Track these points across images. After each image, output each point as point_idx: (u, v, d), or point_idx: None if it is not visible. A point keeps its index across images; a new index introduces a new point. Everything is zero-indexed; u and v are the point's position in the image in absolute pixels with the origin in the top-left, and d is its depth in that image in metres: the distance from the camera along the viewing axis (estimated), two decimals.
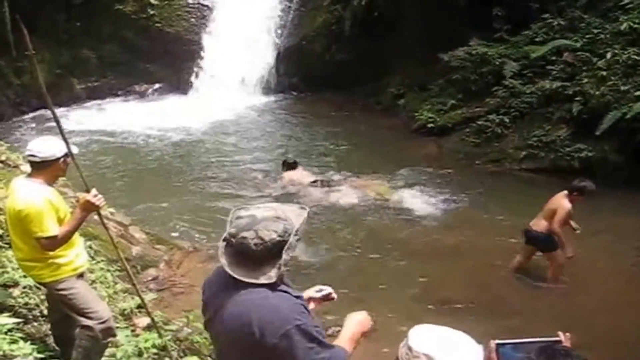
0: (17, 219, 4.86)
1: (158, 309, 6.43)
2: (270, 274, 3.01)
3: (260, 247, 2.98)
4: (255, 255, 2.99)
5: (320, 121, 17.41)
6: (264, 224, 3.03)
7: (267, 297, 3.00)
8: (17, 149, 10.01)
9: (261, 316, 2.94)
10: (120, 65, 19.98)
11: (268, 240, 2.99)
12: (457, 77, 15.87)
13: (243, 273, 3.02)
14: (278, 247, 3.01)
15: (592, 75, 13.49)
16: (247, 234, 3.00)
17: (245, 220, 3.06)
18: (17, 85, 17.74)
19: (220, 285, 3.16)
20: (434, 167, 14.08)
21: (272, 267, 3.02)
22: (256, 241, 2.98)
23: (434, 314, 8.07)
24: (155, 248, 8.81)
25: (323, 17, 19.26)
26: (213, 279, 3.30)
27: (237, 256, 3.05)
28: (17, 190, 4.91)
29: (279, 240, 3.01)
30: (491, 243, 10.32)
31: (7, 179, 8.08)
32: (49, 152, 4.90)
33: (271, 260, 3.02)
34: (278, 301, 3.02)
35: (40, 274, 5.07)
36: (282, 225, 3.05)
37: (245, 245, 2.99)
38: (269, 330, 2.92)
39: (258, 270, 3.01)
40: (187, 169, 13.86)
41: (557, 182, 12.64)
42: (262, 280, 3.00)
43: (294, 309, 3.03)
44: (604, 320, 8.04)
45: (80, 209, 5.06)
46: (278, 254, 3.02)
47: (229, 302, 3.05)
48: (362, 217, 11.33)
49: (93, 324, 5.12)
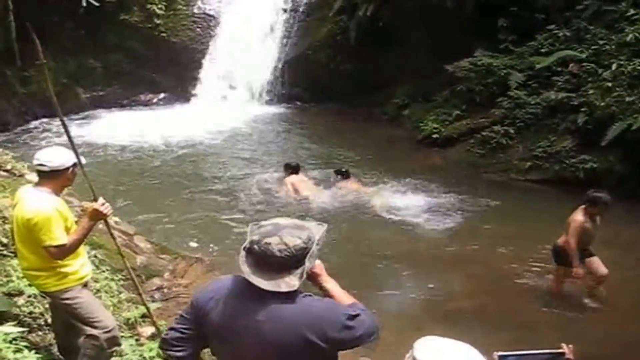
0: (26, 227, 4.86)
1: (162, 319, 6.40)
2: (292, 282, 2.96)
3: (284, 253, 2.94)
4: (278, 261, 2.94)
5: (324, 131, 17.41)
6: (287, 230, 3.01)
7: (309, 305, 2.99)
8: (22, 158, 10.00)
9: (316, 320, 2.92)
10: (125, 74, 20.04)
11: (292, 246, 2.95)
12: (462, 88, 15.87)
13: (265, 281, 2.96)
14: (301, 253, 2.98)
15: (597, 86, 13.49)
16: (271, 239, 2.96)
17: (269, 228, 3.03)
18: (22, 94, 17.78)
19: (236, 298, 3.07)
20: (439, 178, 14.06)
21: (293, 275, 2.97)
22: (280, 247, 2.94)
23: (440, 324, 8.03)
24: (159, 258, 8.79)
25: (328, 27, 19.32)
26: (222, 292, 3.15)
27: (258, 264, 2.99)
28: (26, 199, 4.91)
29: (303, 247, 2.98)
30: (497, 254, 10.28)
31: (12, 187, 8.08)
32: (58, 161, 4.91)
33: (293, 267, 2.97)
34: (319, 305, 3.01)
35: (45, 283, 5.06)
36: (305, 233, 3.04)
37: (269, 251, 2.94)
38: (329, 329, 2.91)
39: (279, 278, 2.96)
40: (192, 178, 13.85)
41: (562, 193, 12.67)
42: (283, 288, 2.94)
43: (336, 306, 3.05)
44: (609, 333, 8.00)
45: (87, 217, 5.07)
46: (300, 261, 2.98)
47: (257, 315, 2.97)
48: (365, 227, 11.32)
49: (98, 333, 5.12)
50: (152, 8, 19.99)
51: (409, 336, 2.85)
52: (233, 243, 10.47)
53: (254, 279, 2.98)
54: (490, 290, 9.21)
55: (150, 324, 6.45)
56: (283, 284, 2.95)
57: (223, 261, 9.61)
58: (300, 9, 20.24)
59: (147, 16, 20.06)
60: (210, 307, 3.13)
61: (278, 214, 11.55)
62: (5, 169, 8.99)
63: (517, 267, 9.68)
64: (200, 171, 14.24)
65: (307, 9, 20.20)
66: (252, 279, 2.98)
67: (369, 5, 17.42)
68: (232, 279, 3.19)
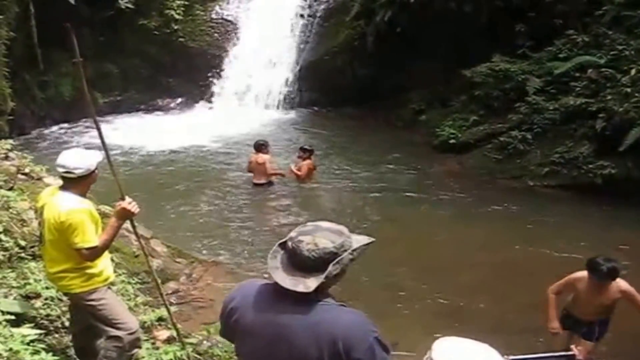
0: (58, 229, 4.90)
1: (178, 322, 6.41)
2: (310, 284, 2.92)
3: (311, 254, 2.92)
4: (304, 261, 2.93)
5: (341, 136, 17.43)
6: (324, 233, 2.99)
7: (338, 313, 2.96)
8: (40, 162, 10.06)
9: (345, 333, 2.86)
10: (143, 79, 20.15)
11: (321, 248, 2.93)
12: (480, 93, 15.82)
13: (287, 279, 2.95)
14: (329, 258, 2.94)
15: (616, 91, 13.39)
16: (305, 238, 2.96)
17: (309, 227, 3.03)
18: (41, 99, 17.90)
19: (259, 297, 3.08)
20: (456, 183, 14.04)
21: (314, 278, 2.93)
22: (310, 247, 2.93)
23: (457, 329, 8.00)
24: (176, 261, 8.81)
25: (345, 32, 19.31)
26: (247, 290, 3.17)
27: (288, 261, 3.00)
28: (58, 202, 4.95)
29: (332, 252, 2.94)
30: (516, 260, 10.23)
31: (31, 190, 8.15)
32: (84, 166, 4.96)
33: (317, 270, 2.93)
34: (352, 316, 2.96)
35: (71, 284, 5.09)
36: (341, 239, 3.00)
37: (299, 249, 2.94)
38: (355, 346, 2.84)
39: (301, 278, 2.94)
40: (209, 183, 13.87)
41: (580, 199, 12.61)
42: (300, 289, 2.91)
43: (366, 321, 2.98)
44: (623, 338, 7.93)
45: (116, 217, 5.12)
46: (325, 265, 2.94)
47: (276, 314, 2.98)
48: (380, 231, 11.32)
49: (122, 335, 5.15)
50: (170, 13, 20.08)
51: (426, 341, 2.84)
52: (250, 247, 10.51)
53: (277, 274, 2.98)
54: (509, 296, 9.16)
55: (166, 328, 6.47)
56: (302, 285, 2.92)
57: (240, 265, 9.65)
58: (317, 14, 20.27)
59: (165, 21, 20.15)
60: (232, 305, 3.18)
61: (297, 220, 11.61)
62: (24, 172, 9.03)
63: (533, 272, 9.62)
64: (218, 176, 14.26)
65: (325, 14, 20.22)
66: (275, 274, 2.98)
67: (387, 11, 17.40)
68: (261, 281, 3.20)
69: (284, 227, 11.38)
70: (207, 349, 6.33)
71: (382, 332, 2.96)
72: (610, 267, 6.51)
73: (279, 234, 11.03)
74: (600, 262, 6.56)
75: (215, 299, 8.03)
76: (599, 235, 11.02)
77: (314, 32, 20.14)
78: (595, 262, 6.60)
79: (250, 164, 13.57)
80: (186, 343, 6.02)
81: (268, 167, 13.33)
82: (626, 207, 11.94)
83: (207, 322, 6.99)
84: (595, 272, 6.56)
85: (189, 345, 6.10)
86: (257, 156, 13.38)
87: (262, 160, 13.32)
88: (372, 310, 7.65)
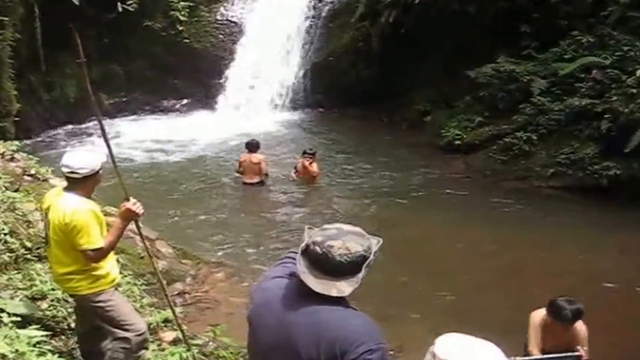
0: (63, 231, 4.91)
1: (184, 324, 6.42)
2: (343, 288, 2.93)
3: (344, 258, 2.91)
4: (337, 265, 2.92)
5: (346, 137, 17.42)
6: (351, 236, 2.99)
7: (346, 316, 2.95)
8: (46, 163, 10.08)
9: (345, 336, 2.85)
10: (148, 80, 20.14)
11: (354, 252, 2.93)
12: (484, 94, 15.79)
13: (317, 283, 2.94)
14: (361, 261, 2.95)
15: (621, 92, 13.38)
16: (335, 242, 2.94)
17: (333, 231, 3.01)
18: (46, 100, 17.92)
19: (284, 298, 3.07)
20: (461, 184, 14.04)
21: (347, 282, 2.93)
22: (342, 251, 2.92)
23: (462, 331, 7.97)
24: (181, 263, 8.83)
25: (350, 33, 19.30)
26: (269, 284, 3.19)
27: (314, 266, 2.97)
28: (63, 204, 4.95)
29: (363, 255, 2.95)
30: (521, 261, 10.23)
31: (37, 192, 8.17)
32: (89, 167, 4.95)
33: (349, 274, 2.93)
34: (359, 320, 2.96)
35: (78, 286, 5.09)
36: (367, 242, 3.01)
37: (330, 254, 2.92)
38: (350, 351, 2.83)
39: (332, 282, 2.93)
40: (214, 184, 13.90)
41: (585, 200, 12.59)
42: (334, 293, 2.92)
43: (374, 329, 2.96)
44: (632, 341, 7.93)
45: (120, 218, 5.13)
46: (357, 269, 2.94)
47: (295, 313, 2.98)
48: (384, 232, 11.28)
49: (130, 336, 5.16)
50: (175, 15, 20.07)
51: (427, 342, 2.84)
52: (255, 249, 10.52)
53: (307, 278, 2.97)
54: (509, 296, 9.15)
55: (172, 329, 6.48)
56: (334, 289, 2.93)
57: (245, 267, 9.66)
58: (322, 16, 20.25)
59: (170, 23, 20.15)
60: (254, 297, 3.24)
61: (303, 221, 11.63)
62: (30, 173, 9.06)
63: (539, 273, 9.62)
64: (223, 177, 14.26)
65: (330, 15, 20.19)
66: (305, 278, 2.97)
67: (391, 12, 17.39)
68: (285, 277, 3.18)
69: (290, 228, 11.41)
70: (213, 350, 6.35)
71: (389, 336, 2.96)
72: (574, 310, 6.11)
73: (284, 235, 11.08)
74: (563, 305, 6.14)
75: (221, 300, 8.05)
76: (604, 237, 11.02)
77: (319, 34, 20.12)
78: (558, 305, 6.19)
79: (242, 164, 13.60)
80: (192, 344, 6.02)
81: (263, 167, 13.45)
82: (632, 209, 11.92)
83: (213, 324, 7.00)
84: (559, 317, 6.16)
85: (194, 346, 6.11)
86: (251, 156, 13.48)
87: (258, 159, 13.43)
88: (376, 312, 7.67)
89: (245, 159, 13.55)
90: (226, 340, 6.51)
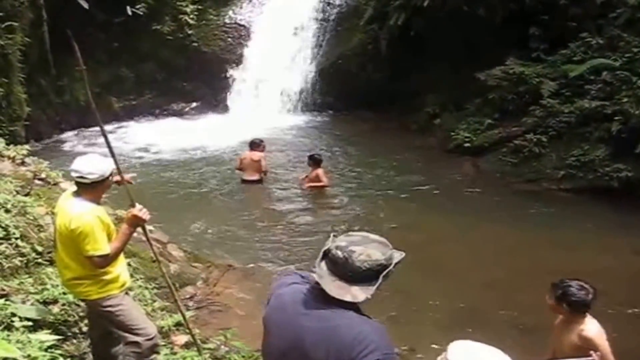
0: (69, 237, 4.92)
1: (195, 327, 6.42)
2: (358, 294, 2.95)
3: (364, 264, 2.93)
4: (355, 270, 2.94)
5: (356, 140, 17.40)
6: (375, 245, 3.02)
7: (358, 323, 2.95)
8: (56, 167, 10.11)
9: (354, 342, 2.85)
10: (157, 84, 20.24)
11: (374, 260, 2.95)
12: (494, 97, 15.75)
13: (333, 287, 2.96)
14: (380, 269, 2.97)
15: (631, 94, 13.31)
16: (357, 248, 2.97)
17: (357, 238, 3.04)
18: (57, 103, 18.00)
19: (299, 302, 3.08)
20: (471, 187, 14.01)
21: (362, 288, 2.96)
22: (363, 257, 2.94)
23: (473, 334, 7.96)
24: (192, 266, 8.83)
25: (359, 36, 19.33)
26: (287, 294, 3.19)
27: (333, 270, 3.00)
28: (70, 209, 4.96)
29: (383, 264, 2.97)
30: (531, 264, 10.17)
31: (47, 196, 8.19)
32: (99, 172, 4.96)
33: (366, 281, 2.96)
34: (370, 328, 2.95)
35: (87, 290, 5.10)
36: (389, 252, 3.03)
37: (351, 259, 2.94)
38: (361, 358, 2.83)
39: (348, 287, 2.95)
40: (225, 187, 13.90)
41: (596, 202, 12.54)
42: (348, 298, 2.93)
43: (385, 336, 2.96)
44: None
45: (127, 224, 5.13)
46: (375, 277, 2.96)
47: (309, 320, 2.99)
48: (394, 235, 11.28)
49: (141, 340, 5.16)
50: (183, 18, 20.17)
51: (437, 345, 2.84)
52: (266, 252, 10.52)
53: (324, 282, 2.99)
54: (519, 298, 9.12)
55: (184, 333, 6.48)
56: (349, 295, 2.95)
57: (256, 269, 9.65)
58: (331, 19, 20.27)
59: (178, 26, 20.25)
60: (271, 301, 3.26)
61: (313, 224, 11.65)
62: (40, 177, 9.08)
63: (549, 276, 9.56)
64: (233, 180, 14.26)
65: (338, 18, 20.22)
66: (322, 282, 2.99)
67: (400, 15, 17.38)
68: (301, 283, 3.20)
69: (300, 231, 11.41)
70: (225, 354, 6.35)
71: (397, 338, 2.96)
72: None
73: (294, 238, 11.07)
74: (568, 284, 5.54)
75: (232, 304, 8.05)
76: (615, 239, 10.97)
77: (328, 37, 20.15)
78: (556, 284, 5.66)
79: (242, 161, 13.79)
80: (203, 348, 6.03)
81: (263, 165, 13.63)
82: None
83: (224, 327, 7.01)
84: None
85: (206, 350, 6.11)
86: (252, 153, 13.65)
87: (258, 157, 13.57)
88: (387, 315, 7.70)
89: (245, 157, 13.77)
90: (237, 344, 6.51)
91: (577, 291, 5.43)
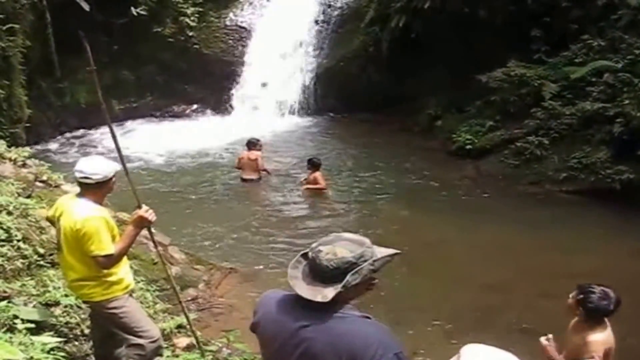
0: (74, 237, 4.91)
1: (198, 330, 6.41)
2: (327, 294, 2.87)
3: (330, 263, 2.88)
4: (323, 270, 2.90)
5: (357, 142, 17.39)
6: (344, 243, 2.96)
7: (362, 326, 2.91)
8: (57, 169, 10.10)
9: (364, 347, 2.81)
10: (158, 86, 20.22)
11: (340, 257, 2.89)
12: (496, 99, 15.74)
13: (305, 288, 2.93)
14: (347, 267, 2.89)
15: (633, 96, 13.29)
16: (324, 248, 2.94)
17: (330, 237, 3.02)
18: (57, 106, 18.00)
19: (278, 305, 3.07)
20: (472, 189, 14.00)
21: (332, 287, 2.88)
22: (329, 256, 2.90)
23: (479, 336, 7.93)
24: (194, 268, 8.82)
25: (360, 38, 19.31)
26: (273, 302, 3.14)
27: (309, 271, 2.97)
28: (74, 210, 4.97)
29: (350, 262, 2.90)
30: (535, 266, 10.15)
31: (49, 198, 8.17)
32: (102, 173, 4.97)
33: (338, 281, 2.88)
34: (373, 329, 2.91)
35: (91, 292, 5.10)
36: (361, 249, 2.95)
37: (318, 259, 2.92)
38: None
39: (319, 288, 2.91)
40: (225, 189, 13.92)
41: (598, 204, 12.53)
42: (318, 299, 2.87)
43: (389, 335, 2.93)
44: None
45: (132, 225, 5.14)
46: (343, 275, 2.89)
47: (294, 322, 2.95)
48: (395, 238, 11.27)
49: (144, 343, 5.15)
50: (184, 20, 20.15)
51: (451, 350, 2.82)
52: (268, 254, 10.50)
53: (297, 284, 2.96)
54: (524, 300, 9.12)
55: (186, 335, 6.47)
56: (319, 295, 2.89)
57: (258, 272, 9.64)
58: (332, 21, 20.27)
59: (179, 28, 20.23)
60: (255, 320, 3.21)
61: (313, 227, 11.64)
62: (42, 179, 9.06)
63: (553, 278, 9.56)
64: (234, 182, 14.26)
65: (339, 20, 20.23)
66: (294, 284, 2.97)
67: (401, 17, 17.38)
68: (281, 292, 3.19)
69: (300, 234, 11.40)
70: (227, 357, 6.34)
71: (404, 341, 2.94)
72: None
73: (295, 240, 11.05)
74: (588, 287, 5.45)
75: (234, 306, 8.05)
76: (617, 241, 10.96)
77: (329, 39, 20.16)
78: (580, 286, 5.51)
79: (240, 160, 14.15)
80: (206, 350, 6.01)
81: (260, 164, 13.95)
82: None
83: (226, 329, 6.99)
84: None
85: (208, 352, 6.10)
86: (249, 153, 13.99)
87: (255, 156, 13.90)
88: (392, 319, 7.67)
89: (243, 156, 14.12)
90: (240, 346, 6.50)
91: (597, 299, 5.35)
